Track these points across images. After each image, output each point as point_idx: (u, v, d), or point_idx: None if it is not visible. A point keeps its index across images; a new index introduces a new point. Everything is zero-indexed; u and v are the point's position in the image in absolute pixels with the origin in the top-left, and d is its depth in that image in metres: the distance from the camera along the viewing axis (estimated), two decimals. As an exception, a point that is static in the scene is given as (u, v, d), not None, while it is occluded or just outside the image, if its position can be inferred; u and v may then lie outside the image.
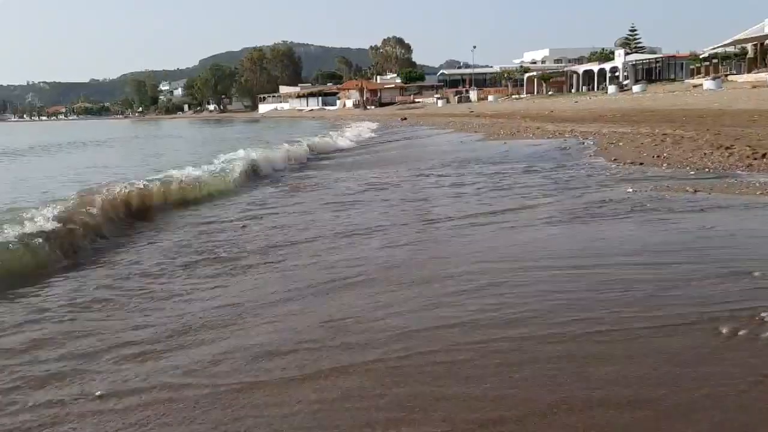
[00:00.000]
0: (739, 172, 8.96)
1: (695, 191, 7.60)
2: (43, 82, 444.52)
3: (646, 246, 5.42)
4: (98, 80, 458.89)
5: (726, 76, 46.06)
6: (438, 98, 71.27)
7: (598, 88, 59.86)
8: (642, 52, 69.27)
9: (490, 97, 66.41)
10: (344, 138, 25.44)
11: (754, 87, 33.71)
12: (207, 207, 9.79)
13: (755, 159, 9.69)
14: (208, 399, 3.03)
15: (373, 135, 29.75)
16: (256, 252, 6.22)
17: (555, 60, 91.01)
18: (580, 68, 68.15)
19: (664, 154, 11.20)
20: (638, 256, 5.11)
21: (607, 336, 3.50)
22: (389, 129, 35.14)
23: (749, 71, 46.73)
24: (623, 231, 6.07)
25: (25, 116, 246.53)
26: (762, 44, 47.25)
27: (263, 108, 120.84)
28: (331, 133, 27.16)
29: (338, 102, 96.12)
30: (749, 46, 49.71)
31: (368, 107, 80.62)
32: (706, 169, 9.39)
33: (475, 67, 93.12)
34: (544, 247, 5.70)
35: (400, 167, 13.63)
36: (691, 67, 58.17)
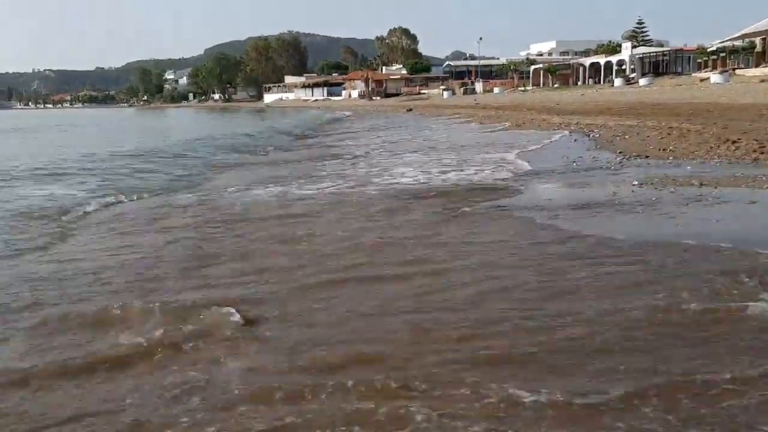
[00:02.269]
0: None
1: (701, 184, 7.61)
2: (48, 70, 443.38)
3: (650, 237, 5.44)
4: (103, 68, 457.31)
5: (734, 70, 45.72)
6: (444, 90, 70.98)
7: (604, 81, 59.51)
8: (649, 45, 68.82)
9: (496, 89, 66.12)
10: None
11: (762, 81, 33.46)
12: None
13: (762, 153, 9.68)
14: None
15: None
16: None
17: (561, 52, 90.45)
18: (587, 61, 67.75)
19: (670, 147, 11.19)
20: (642, 247, 5.14)
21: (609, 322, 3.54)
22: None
23: (757, 65, 46.40)
24: (629, 223, 6.10)
25: (30, 104, 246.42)
26: (770, 38, 46.94)
27: (268, 98, 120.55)
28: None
29: (343, 92, 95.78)
30: (757, 40, 49.32)
31: (373, 98, 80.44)
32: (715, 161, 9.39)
33: (481, 58, 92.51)
34: (548, 238, 5.73)
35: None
36: (699, 60, 57.76)
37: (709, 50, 55.95)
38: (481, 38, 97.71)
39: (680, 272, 4.38)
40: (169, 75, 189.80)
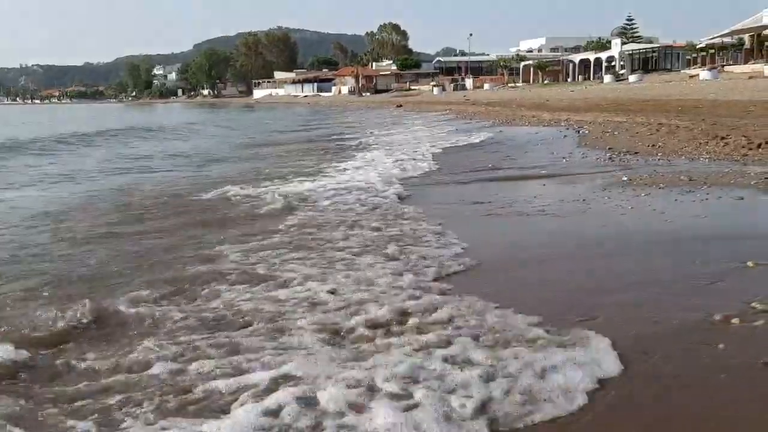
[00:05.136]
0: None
1: (689, 179, 7.61)
2: (36, 65, 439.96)
3: (640, 235, 5.42)
4: (92, 64, 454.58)
5: (723, 66, 46.05)
6: (434, 86, 71.04)
7: (594, 78, 59.77)
8: (639, 42, 69.11)
9: (486, 86, 66.28)
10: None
11: (751, 78, 33.70)
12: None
13: (750, 149, 9.69)
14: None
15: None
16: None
17: (551, 49, 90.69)
18: (577, 57, 67.97)
19: (659, 144, 11.19)
20: (632, 244, 5.12)
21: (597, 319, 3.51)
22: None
23: (746, 62, 46.73)
24: (619, 220, 6.08)
25: (18, 99, 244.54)
26: (759, 35, 47.24)
27: (258, 93, 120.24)
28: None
29: (333, 88, 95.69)
30: (746, 37, 49.69)
31: (364, 94, 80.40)
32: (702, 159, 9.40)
33: (471, 55, 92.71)
34: (542, 236, 5.71)
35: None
36: (688, 57, 58.13)
37: (698, 47, 56.29)
38: (471, 34, 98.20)
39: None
40: (158, 70, 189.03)
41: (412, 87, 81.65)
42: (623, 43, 62.69)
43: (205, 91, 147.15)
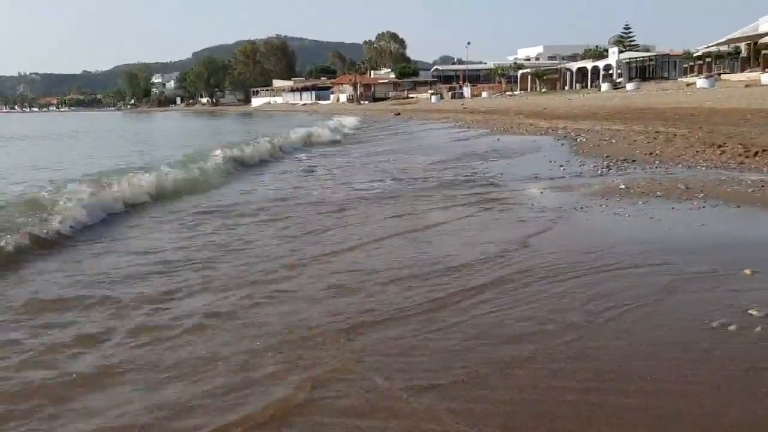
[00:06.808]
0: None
1: (687, 188, 7.63)
2: (34, 74, 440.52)
3: (638, 242, 5.44)
4: (90, 72, 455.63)
5: (719, 74, 46.23)
6: (432, 94, 71.15)
7: (591, 86, 59.90)
8: (636, 50, 69.39)
9: (484, 94, 66.41)
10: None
11: (747, 86, 33.81)
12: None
13: (747, 157, 9.72)
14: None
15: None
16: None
17: (549, 57, 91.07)
18: (574, 65, 68.13)
19: (657, 152, 11.22)
20: (631, 252, 5.13)
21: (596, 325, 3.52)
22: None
23: (742, 70, 46.91)
24: (616, 228, 6.10)
25: (16, 107, 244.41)
26: (755, 43, 47.40)
27: (256, 101, 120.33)
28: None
29: (332, 96, 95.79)
30: (743, 46, 49.92)
31: (362, 102, 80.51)
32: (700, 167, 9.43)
33: (469, 63, 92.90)
34: (534, 242, 5.72)
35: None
36: (685, 65, 58.40)
37: (695, 55, 56.56)
38: (469, 43, 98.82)
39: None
40: (157, 79, 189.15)
41: (410, 95, 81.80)
42: (620, 52, 62.91)
43: (204, 99, 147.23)
